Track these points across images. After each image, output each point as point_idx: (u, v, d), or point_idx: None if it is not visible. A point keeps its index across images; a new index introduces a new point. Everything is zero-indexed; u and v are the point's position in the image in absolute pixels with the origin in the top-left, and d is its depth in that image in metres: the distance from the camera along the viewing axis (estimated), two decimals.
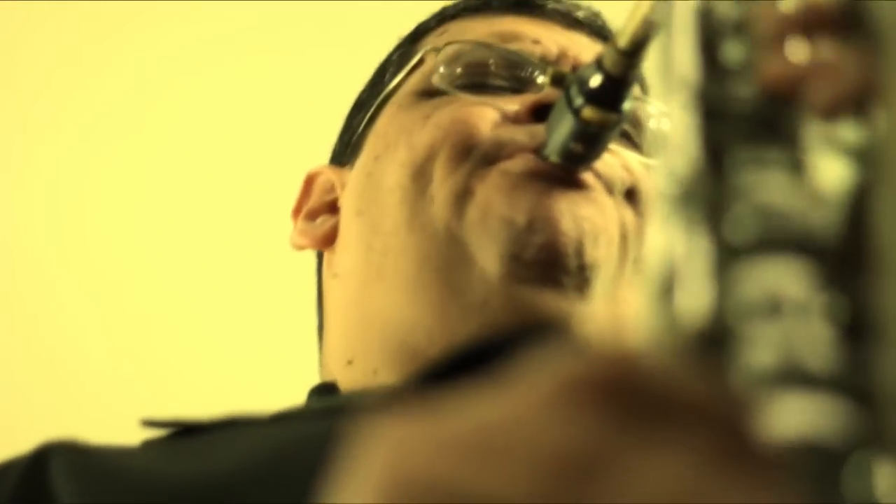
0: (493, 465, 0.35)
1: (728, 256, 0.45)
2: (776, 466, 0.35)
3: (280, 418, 0.74)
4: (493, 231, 0.91)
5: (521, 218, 0.91)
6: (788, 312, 0.42)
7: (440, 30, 1.07)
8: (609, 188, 0.95)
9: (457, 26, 1.06)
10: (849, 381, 0.39)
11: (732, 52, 0.54)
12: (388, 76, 1.07)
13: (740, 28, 0.55)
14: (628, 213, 0.94)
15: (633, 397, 0.35)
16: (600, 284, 0.92)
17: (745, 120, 0.50)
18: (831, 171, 0.50)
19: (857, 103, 0.47)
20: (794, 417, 0.38)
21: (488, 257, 0.91)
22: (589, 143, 0.91)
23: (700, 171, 0.48)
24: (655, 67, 0.54)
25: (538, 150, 0.94)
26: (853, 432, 0.38)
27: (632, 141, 1.00)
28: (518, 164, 0.93)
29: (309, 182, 1.09)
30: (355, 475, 0.37)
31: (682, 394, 0.36)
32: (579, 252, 0.91)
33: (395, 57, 1.08)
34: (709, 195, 0.47)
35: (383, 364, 0.93)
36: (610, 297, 0.93)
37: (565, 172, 0.93)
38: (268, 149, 1.67)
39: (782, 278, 0.44)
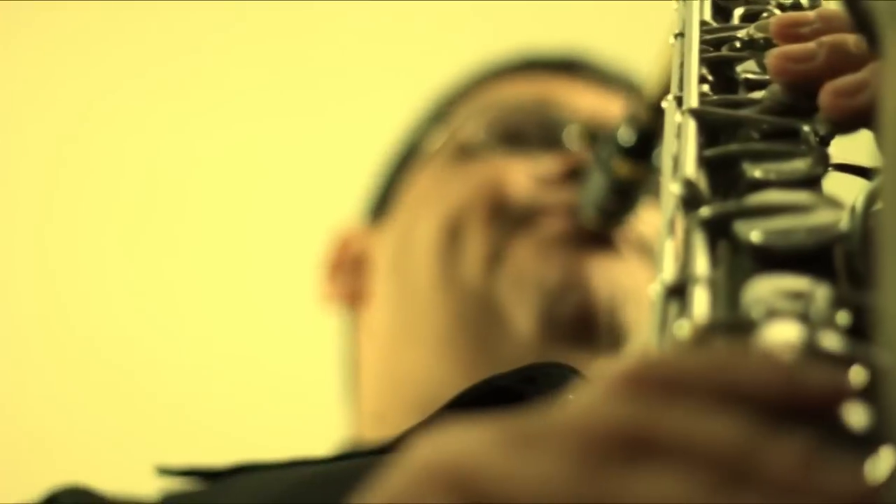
0: (533, 448, 0.35)
1: (739, 260, 0.45)
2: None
3: (294, 463, 0.73)
4: (527, 291, 0.91)
5: (554, 279, 0.91)
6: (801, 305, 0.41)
7: (477, 90, 1.07)
8: (643, 249, 0.94)
9: (495, 87, 1.07)
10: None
11: (745, 70, 0.54)
12: (424, 135, 1.07)
13: (752, 46, 0.55)
14: None
15: (662, 380, 0.36)
16: (633, 344, 0.92)
17: (757, 131, 0.50)
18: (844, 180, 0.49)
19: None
20: None
21: (522, 317, 0.91)
22: (622, 198, 0.91)
23: (706, 176, 0.48)
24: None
25: (571, 212, 0.94)
26: None
27: None
28: (551, 226, 0.93)
29: (340, 240, 1.09)
30: (389, 475, 0.37)
31: (708, 369, 0.36)
32: (612, 312, 0.91)
33: (432, 116, 1.09)
34: (718, 201, 0.47)
35: (414, 420, 0.92)
36: None
37: (599, 233, 0.93)
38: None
39: (794, 279, 0.43)
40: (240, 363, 1.59)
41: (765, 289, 0.42)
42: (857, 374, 0.38)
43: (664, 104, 0.52)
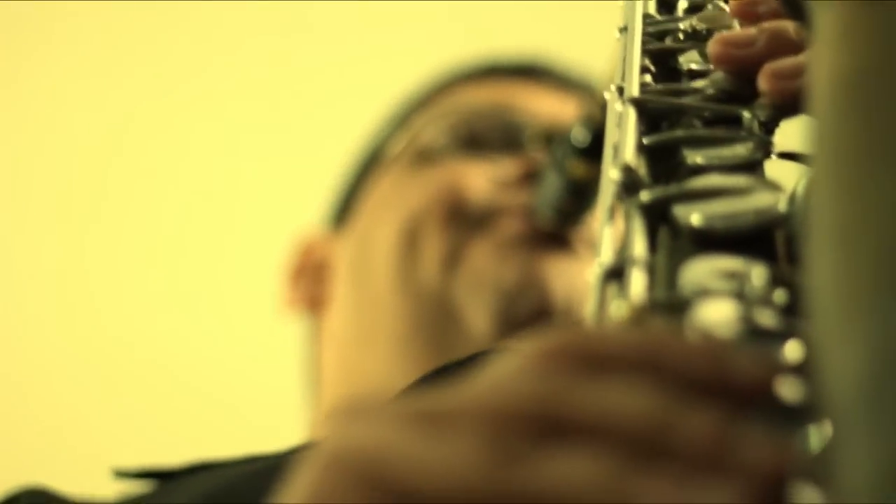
0: (442, 430, 0.34)
1: (679, 243, 0.45)
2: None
3: (248, 459, 0.73)
4: (484, 292, 0.92)
5: (511, 279, 0.92)
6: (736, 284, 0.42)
7: (438, 97, 1.08)
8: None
9: (455, 92, 1.07)
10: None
11: (688, 60, 0.55)
12: (384, 142, 1.07)
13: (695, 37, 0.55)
14: None
15: (581, 356, 0.35)
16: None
17: (699, 118, 0.50)
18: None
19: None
20: None
21: (478, 317, 0.91)
22: (578, 198, 0.91)
23: (647, 163, 0.48)
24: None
25: (528, 213, 0.94)
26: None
27: None
28: (508, 227, 0.94)
29: (301, 248, 1.10)
30: (299, 470, 0.36)
31: (629, 345, 0.36)
32: (568, 312, 0.92)
33: (393, 122, 1.10)
34: (657, 184, 0.47)
35: None
36: None
37: (555, 234, 0.94)
38: None
39: (731, 260, 0.43)
40: (202, 369, 1.59)
41: (701, 269, 0.43)
42: (792, 350, 0.39)
43: (606, 95, 0.53)
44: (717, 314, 0.41)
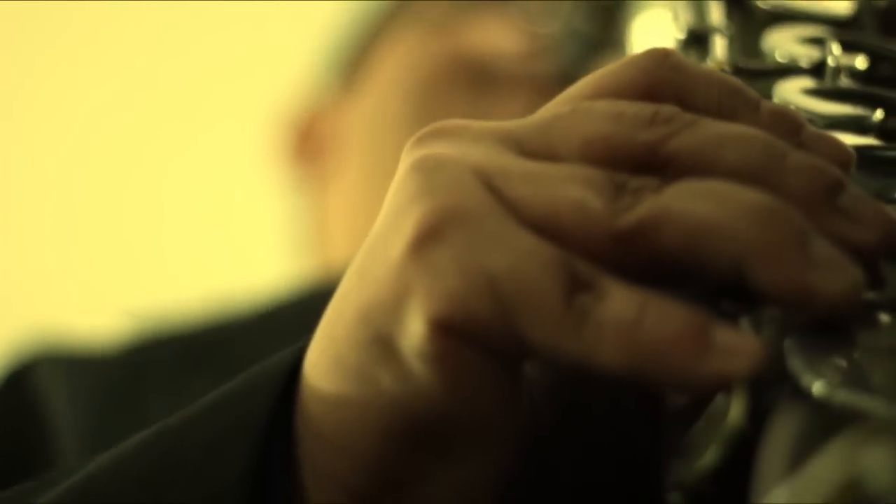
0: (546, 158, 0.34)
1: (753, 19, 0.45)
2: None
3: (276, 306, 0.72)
4: None
5: None
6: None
7: None
8: None
9: None
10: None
11: None
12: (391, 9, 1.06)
13: None
14: None
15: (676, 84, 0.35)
16: None
17: None
18: None
19: None
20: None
21: None
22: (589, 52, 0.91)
23: None
24: None
25: (543, 78, 0.94)
26: None
27: None
28: (523, 93, 0.93)
29: (307, 117, 1.08)
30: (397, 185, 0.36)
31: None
32: None
33: None
34: None
35: None
36: None
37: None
38: None
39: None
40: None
41: (783, 36, 0.43)
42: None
43: None
44: (799, 83, 0.40)
